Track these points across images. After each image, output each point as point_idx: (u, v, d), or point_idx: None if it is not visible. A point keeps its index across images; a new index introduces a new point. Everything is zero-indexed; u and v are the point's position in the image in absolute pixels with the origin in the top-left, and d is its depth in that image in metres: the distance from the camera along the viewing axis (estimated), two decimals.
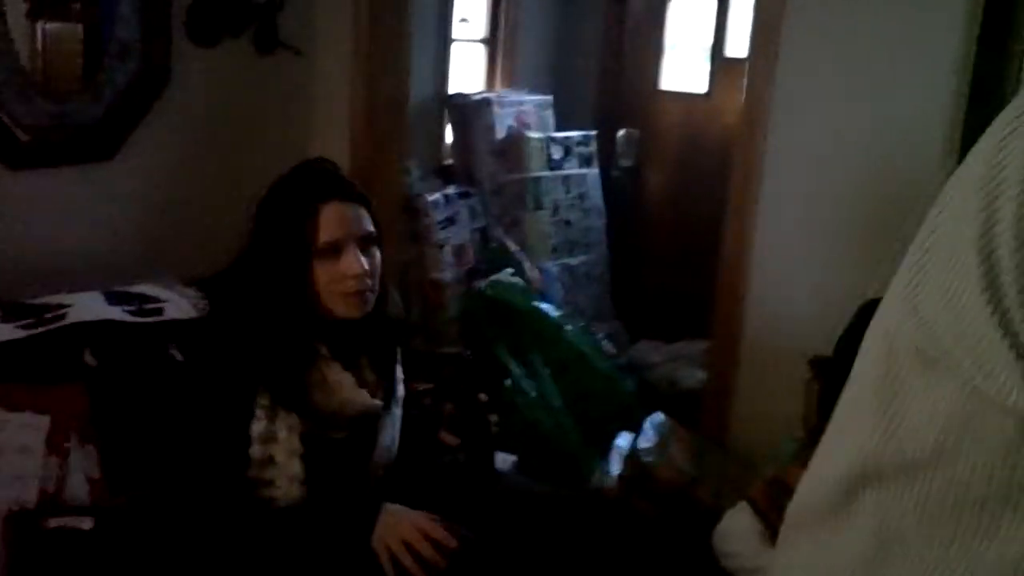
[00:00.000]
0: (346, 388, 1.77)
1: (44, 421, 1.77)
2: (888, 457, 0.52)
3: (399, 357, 1.96)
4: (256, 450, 1.69)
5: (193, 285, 2.30)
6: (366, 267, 1.71)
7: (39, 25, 2.32)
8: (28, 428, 1.76)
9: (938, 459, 0.49)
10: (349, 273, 1.70)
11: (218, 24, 2.75)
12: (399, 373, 1.95)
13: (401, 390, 1.95)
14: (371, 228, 1.75)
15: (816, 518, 0.59)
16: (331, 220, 1.70)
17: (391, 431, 1.91)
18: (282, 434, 1.69)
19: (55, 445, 1.79)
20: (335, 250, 1.70)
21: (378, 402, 1.83)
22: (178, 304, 2.17)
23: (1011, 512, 0.47)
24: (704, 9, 4.30)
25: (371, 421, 1.85)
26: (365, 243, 1.73)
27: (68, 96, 2.39)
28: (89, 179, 2.45)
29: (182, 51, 2.63)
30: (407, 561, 1.64)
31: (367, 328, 1.80)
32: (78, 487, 1.81)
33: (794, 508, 0.63)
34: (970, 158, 0.49)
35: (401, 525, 1.66)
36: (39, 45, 2.34)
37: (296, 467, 1.70)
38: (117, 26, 2.47)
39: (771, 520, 1.94)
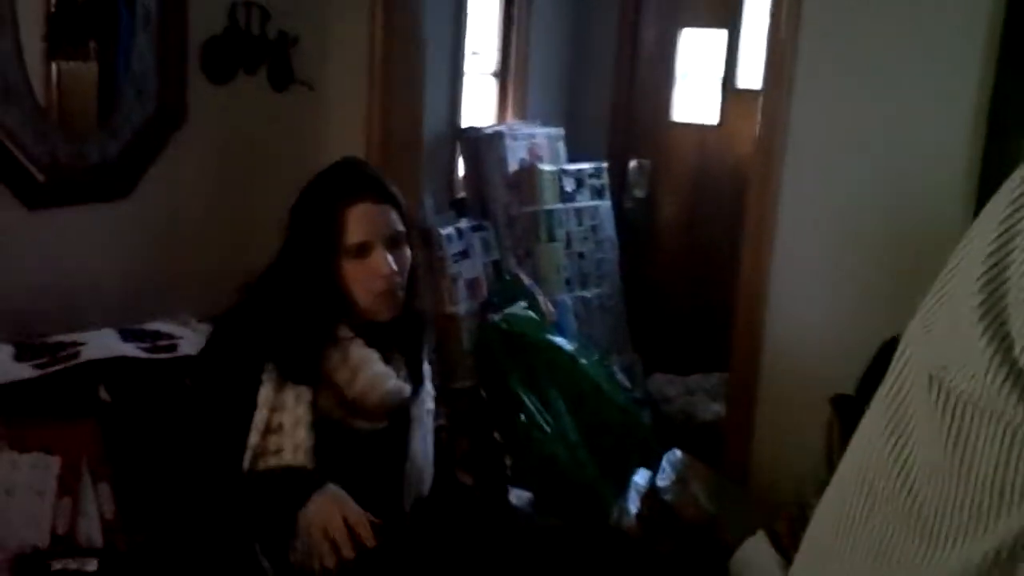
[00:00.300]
0: (371, 364, 1.75)
1: (55, 462, 1.76)
2: (892, 469, 0.55)
3: (426, 353, 1.96)
4: (261, 416, 1.68)
5: (208, 321, 2.30)
6: (394, 267, 1.73)
7: (56, 65, 2.35)
8: (38, 469, 1.75)
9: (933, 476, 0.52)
10: (377, 273, 1.72)
11: (233, 61, 2.77)
12: (427, 368, 1.95)
13: (430, 387, 1.95)
14: (400, 228, 1.77)
15: (829, 535, 0.61)
16: (360, 220, 1.72)
17: (423, 432, 1.89)
18: (289, 401, 1.69)
19: (67, 485, 1.78)
20: (364, 250, 1.72)
21: (406, 385, 1.81)
22: (192, 340, 2.17)
23: (1006, 511, 0.49)
24: (715, 40, 4.31)
25: (402, 417, 1.83)
26: (394, 243, 1.76)
27: (85, 135, 2.40)
28: (105, 217, 2.46)
29: (197, 89, 2.65)
30: (323, 548, 1.59)
31: (397, 322, 1.81)
32: (90, 527, 1.80)
33: (809, 530, 0.65)
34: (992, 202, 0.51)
35: (330, 511, 1.60)
36: (56, 85, 2.36)
37: (302, 435, 1.68)
38: (133, 65, 2.49)
39: (792, 556, 1.91)
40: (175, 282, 2.63)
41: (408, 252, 1.79)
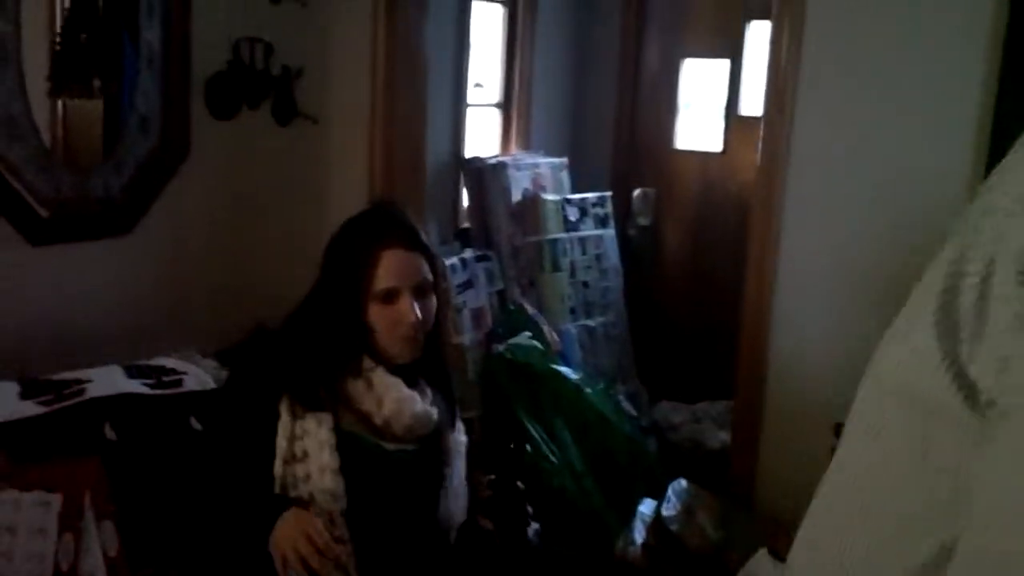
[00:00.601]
0: (396, 388, 1.78)
1: (56, 499, 1.75)
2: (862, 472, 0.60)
3: (454, 384, 2.00)
4: (281, 447, 1.71)
5: (213, 356, 2.30)
6: (419, 315, 1.77)
7: (60, 102, 2.36)
8: (41, 506, 1.75)
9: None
10: (403, 320, 1.76)
11: (236, 96, 2.78)
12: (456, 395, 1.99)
13: (461, 425, 1.97)
14: (428, 277, 1.82)
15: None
16: (390, 267, 1.76)
17: (458, 462, 1.91)
18: (311, 427, 1.72)
19: (68, 522, 1.77)
20: (391, 296, 1.76)
21: (433, 410, 1.84)
22: (197, 376, 2.17)
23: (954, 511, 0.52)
24: (717, 69, 4.33)
25: (433, 443, 1.85)
26: (421, 291, 1.79)
27: (89, 171, 2.42)
28: (109, 253, 2.47)
29: (201, 124, 2.67)
30: (296, 568, 1.61)
31: (420, 361, 1.84)
32: (94, 565, 1.79)
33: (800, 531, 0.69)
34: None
35: (296, 533, 1.62)
36: (60, 121, 2.38)
37: (326, 457, 1.71)
38: (137, 101, 2.51)
39: None
40: (180, 317, 2.63)
41: (434, 301, 1.83)
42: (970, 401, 0.50)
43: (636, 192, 4.55)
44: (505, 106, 4.34)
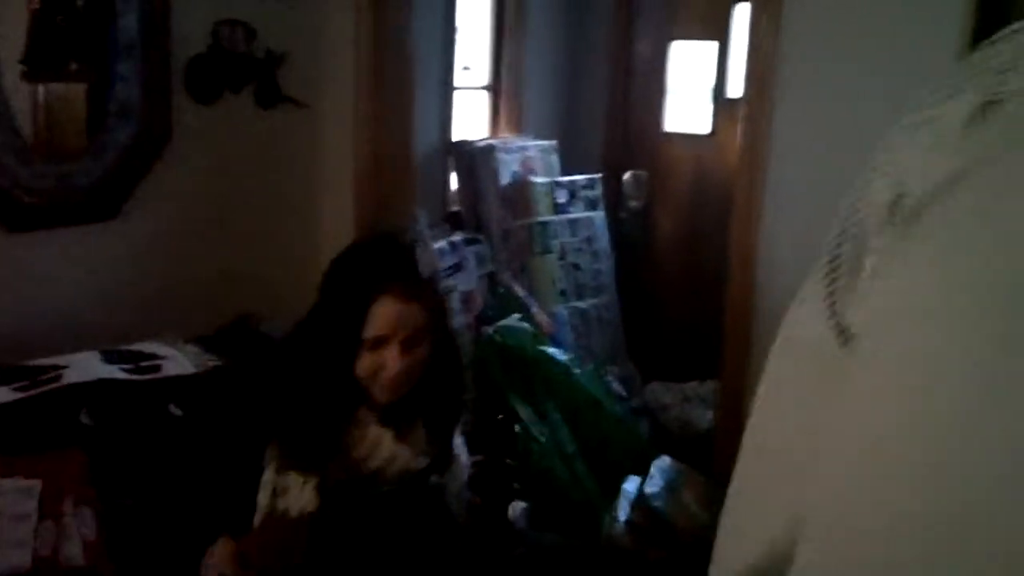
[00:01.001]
0: (384, 443, 1.77)
1: (36, 485, 1.76)
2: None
3: (458, 431, 1.94)
4: (262, 502, 1.69)
5: (195, 342, 2.30)
6: (401, 368, 1.73)
7: (38, 87, 2.35)
8: (21, 493, 1.75)
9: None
10: (384, 368, 1.73)
11: (218, 81, 2.77)
12: (457, 448, 1.93)
13: (465, 460, 1.94)
14: (420, 324, 1.76)
15: None
16: (381, 316, 1.72)
17: (448, 500, 1.88)
18: (294, 487, 1.69)
19: (50, 509, 1.78)
20: (379, 343, 1.73)
21: (422, 459, 1.80)
22: (177, 360, 2.17)
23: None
24: (705, 52, 4.31)
25: (422, 483, 1.83)
26: (411, 342, 1.75)
27: (69, 157, 2.41)
28: (91, 239, 2.46)
29: (182, 108, 2.66)
30: None
31: (416, 400, 1.80)
32: (74, 550, 1.80)
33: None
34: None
35: (218, 562, 1.66)
36: (39, 106, 2.37)
37: (308, 505, 1.68)
38: (117, 85, 2.50)
39: None
40: (162, 303, 2.63)
41: (423, 350, 1.77)
42: (843, 344, 0.52)
43: (627, 175, 4.54)
44: (494, 89, 4.32)
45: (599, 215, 4.33)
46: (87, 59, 2.41)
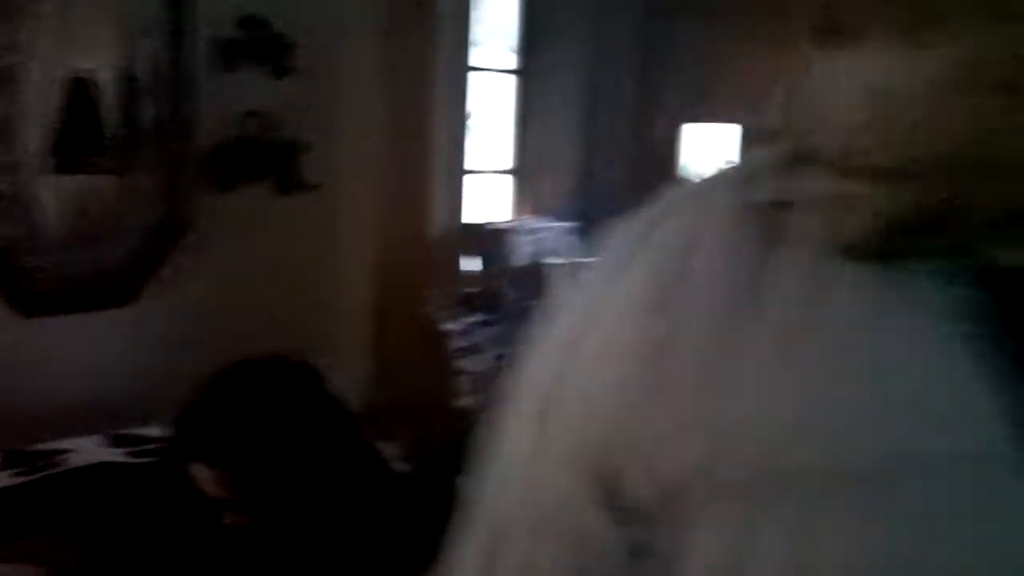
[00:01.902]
0: None
1: (29, 571, 1.79)
2: None
3: None
4: None
5: None
6: None
7: (64, 176, 2.43)
8: None
9: None
10: None
11: (240, 168, 2.83)
12: None
13: None
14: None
15: None
16: None
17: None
18: None
19: None
20: None
21: None
22: None
23: None
24: (725, 133, 4.36)
25: None
26: None
27: (90, 244, 2.46)
28: (108, 325, 2.49)
29: (204, 196, 2.71)
30: None
31: None
32: None
33: None
34: None
35: None
36: (64, 195, 2.44)
37: None
38: (140, 173, 2.57)
39: None
40: (179, 390, 2.65)
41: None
42: None
43: None
44: (516, 171, 4.40)
45: None
46: (113, 150, 2.49)
